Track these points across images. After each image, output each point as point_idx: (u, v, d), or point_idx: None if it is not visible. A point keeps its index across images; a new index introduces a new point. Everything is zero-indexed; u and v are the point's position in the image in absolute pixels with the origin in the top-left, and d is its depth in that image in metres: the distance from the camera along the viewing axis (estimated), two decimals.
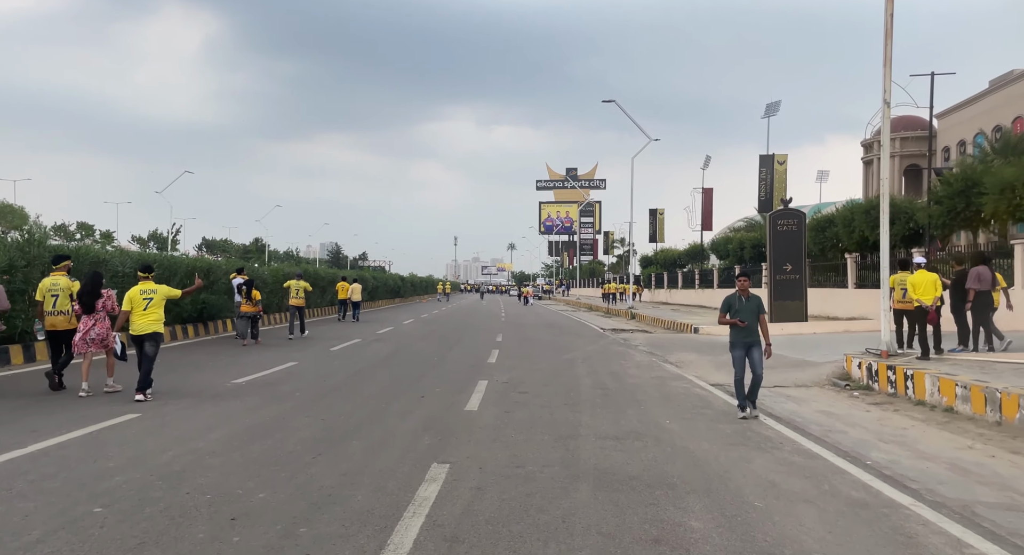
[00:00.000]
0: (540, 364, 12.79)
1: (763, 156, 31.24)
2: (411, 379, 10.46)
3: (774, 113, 62.21)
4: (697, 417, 7.85)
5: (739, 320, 7.76)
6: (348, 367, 11.80)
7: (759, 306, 7.93)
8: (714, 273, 39.45)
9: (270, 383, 9.73)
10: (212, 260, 20.21)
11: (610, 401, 8.82)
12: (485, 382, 10.17)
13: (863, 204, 23.05)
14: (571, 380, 10.73)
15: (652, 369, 12.41)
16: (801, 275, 19.41)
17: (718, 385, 10.55)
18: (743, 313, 7.82)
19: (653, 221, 54.51)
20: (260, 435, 6.39)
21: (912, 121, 66.08)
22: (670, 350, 15.89)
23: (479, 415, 7.66)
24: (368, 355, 13.88)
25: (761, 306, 7.97)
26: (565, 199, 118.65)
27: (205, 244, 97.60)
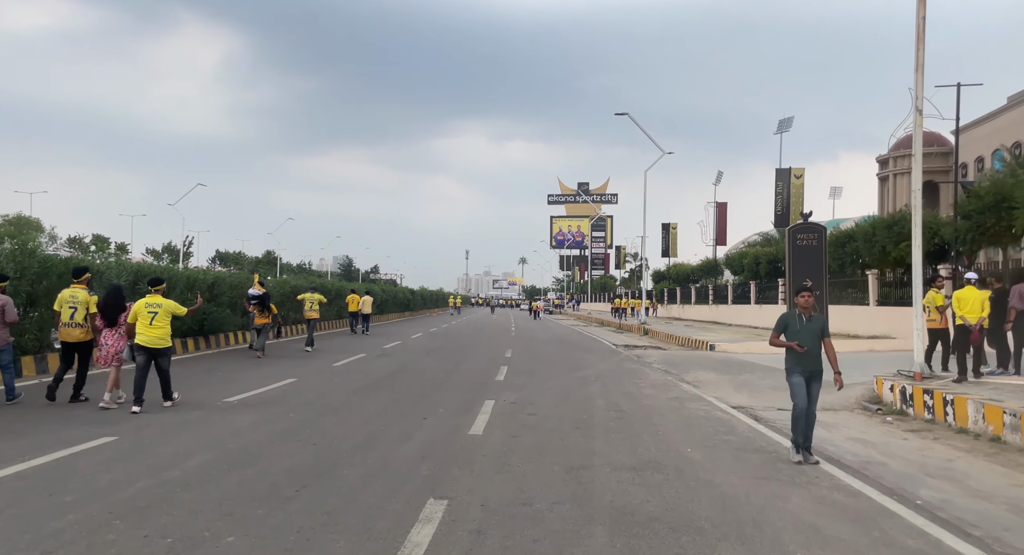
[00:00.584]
0: (550, 382, 12.18)
1: (779, 170, 30.59)
2: (414, 398, 9.89)
3: (787, 129, 61.51)
4: (720, 445, 7.21)
5: (797, 345, 6.45)
6: (349, 385, 11.25)
7: (823, 328, 6.67)
8: (728, 289, 38.66)
9: (264, 402, 9.19)
10: (215, 273, 19.81)
11: (625, 425, 8.20)
12: (492, 402, 9.58)
13: (885, 219, 22.32)
14: (583, 401, 10.12)
15: (668, 389, 11.76)
16: (822, 291, 18.64)
17: (740, 408, 9.90)
18: (803, 335, 6.51)
19: (666, 235, 53.82)
20: (243, 463, 5.84)
21: (929, 137, 65.10)
22: (686, 368, 15.23)
23: (484, 440, 7.07)
24: (372, 371, 13.33)
25: (826, 328, 6.74)
26: (577, 213, 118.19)
27: (218, 257, 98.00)
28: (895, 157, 66.22)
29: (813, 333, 6.56)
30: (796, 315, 6.67)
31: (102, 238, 78.14)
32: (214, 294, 17.12)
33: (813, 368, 6.56)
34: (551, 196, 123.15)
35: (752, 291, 34.12)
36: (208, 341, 17.38)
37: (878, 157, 69.66)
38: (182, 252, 72.38)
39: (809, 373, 6.57)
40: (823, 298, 18.90)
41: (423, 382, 11.82)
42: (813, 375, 6.60)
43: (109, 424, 7.26)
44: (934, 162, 63.58)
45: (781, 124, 61.23)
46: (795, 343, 6.49)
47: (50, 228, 67.60)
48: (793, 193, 29.93)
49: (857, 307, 22.85)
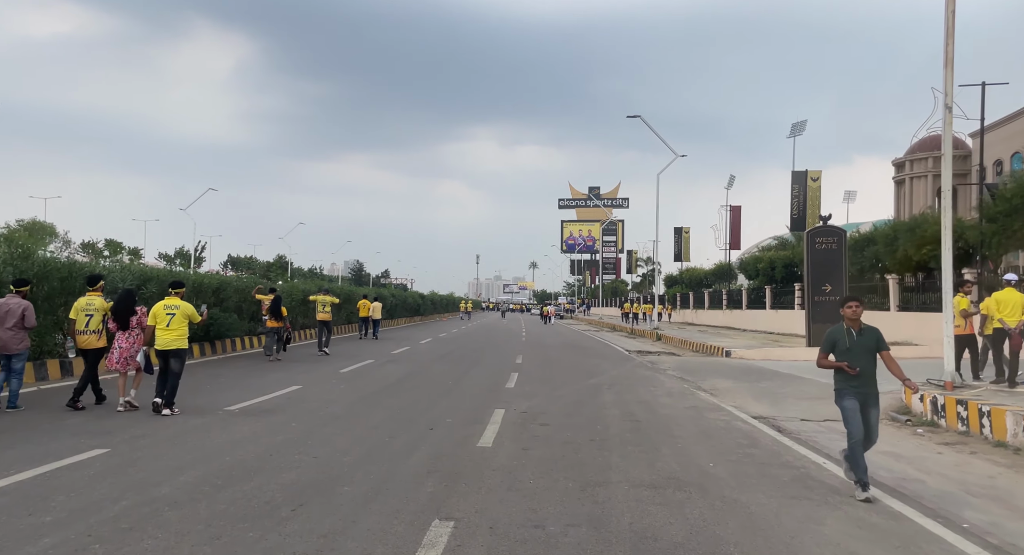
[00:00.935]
0: (562, 390, 11.80)
1: (795, 172, 30.06)
2: (421, 407, 9.55)
3: (800, 132, 60.81)
4: (744, 459, 6.80)
5: (848, 366, 5.51)
6: (355, 392, 10.92)
7: (878, 341, 5.68)
8: (743, 293, 38.10)
9: (266, 410, 8.88)
10: (220, 277, 19.61)
11: (642, 436, 7.81)
12: (502, 411, 9.22)
13: (907, 222, 21.80)
14: (597, 410, 9.73)
15: (685, 397, 11.35)
16: (841, 296, 18.15)
17: (761, 418, 9.47)
18: (855, 354, 5.54)
19: (678, 240, 53.29)
20: (238, 477, 5.51)
21: None
22: (702, 375, 14.79)
23: (493, 453, 6.71)
24: (379, 378, 13.00)
25: (881, 341, 5.72)
26: (587, 218, 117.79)
27: (230, 261, 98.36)
28: (911, 160, 65.38)
29: (867, 349, 5.59)
30: (844, 330, 5.68)
31: (115, 243, 78.63)
32: (220, 299, 16.89)
33: (868, 391, 5.57)
34: (562, 200, 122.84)
35: (767, 296, 33.57)
36: (214, 346, 17.14)
37: (894, 160, 68.77)
38: (193, 257, 72.64)
39: (864, 396, 5.55)
40: None
41: (431, 389, 11.47)
42: (868, 399, 5.57)
43: (102, 435, 6.96)
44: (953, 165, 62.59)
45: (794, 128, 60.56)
46: (845, 364, 5.52)
47: (64, 232, 68.04)
48: (810, 196, 29.37)
49: (878, 313, 22.28)
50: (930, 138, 64.76)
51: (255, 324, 19.15)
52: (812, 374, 14.43)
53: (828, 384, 13.08)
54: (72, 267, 11.36)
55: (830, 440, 8.02)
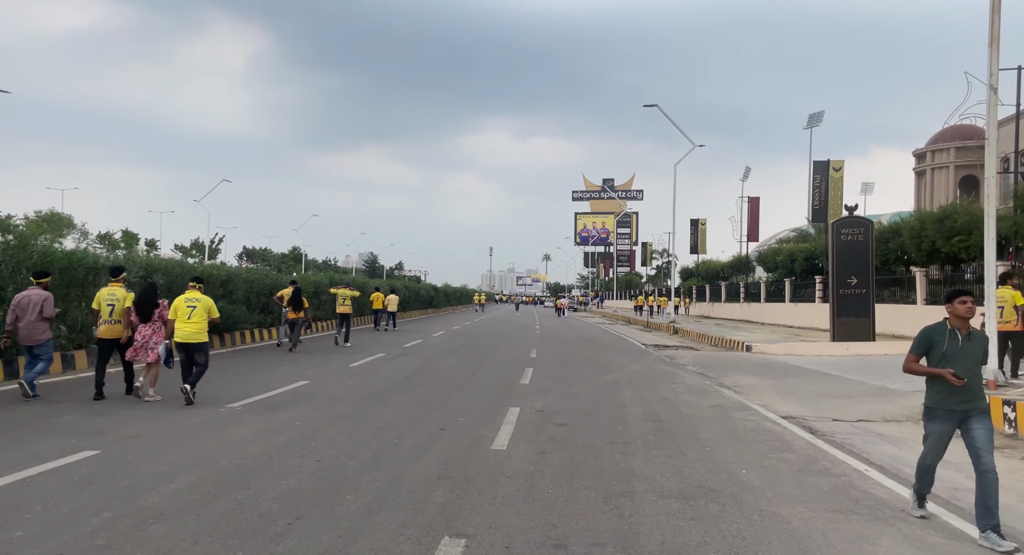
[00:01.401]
0: (579, 387, 11.33)
1: (817, 162, 29.21)
2: (432, 404, 9.13)
3: (817, 123, 59.47)
4: (779, 466, 6.31)
5: (952, 374, 4.43)
6: (364, 388, 10.53)
7: (986, 351, 4.79)
8: (761, 286, 37.36)
9: (270, 408, 8.49)
10: (228, 268, 19.32)
11: (666, 438, 7.33)
12: (517, 410, 8.77)
13: (935, 212, 21.02)
14: (616, 408, 9.26)
15: (708, 395, 10.84)
16: (868, 289, 17.54)
17: (791, 418, 8.96)
18: (960, 360, 4.50)
19: (694, 231, 52.51)
20: (234, 484, 5.11)
21: (967, 130, 62.84)
22: (723, 371, 14.26)
23: (508, 457, 6.26)
24: (389, 373, 12.61)
25: (987, 352, 4.96)
26: (601, 210, 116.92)
27: (245, 253, 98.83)
28: (933, 150, 63.96)
29: (975, 358, 4.59)
30: (948, 331, 4.62)
31: (131, 234, 79.15)
32: (228, 290, 16.59)
33: (973, 404, 4.52)
34: (575, 192, 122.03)
35: (787, 289, 32.83)
36: (223, 339, 16.84)
37: (915, 151, 67.29)
38: (207, 248, 72.85)
39: (965, 411, 4.51)
40: (870, 297, 17.77)
41: (443, 385, 11.05)
42: (973, 414, 4.51)
43: (94, 435, 6.60)
44: (972, 156, 61.17)
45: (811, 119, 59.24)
46: (950, 372, 4.44)
47: (81, 224, 68.44)
48: (832, 186, 28.55)
49: (903, 306, 21.60)
50: (951, 128, 63.31)
51: (265, 316, 18.88)
52: (840, 371, 13.86)
53: (858, 381, 12.59)
54: (72, 257, 11.04)
55: (867, 443, 7.51)
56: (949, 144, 62.08)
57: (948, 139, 62.46)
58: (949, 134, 62.81)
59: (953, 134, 62.29)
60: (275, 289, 19.35)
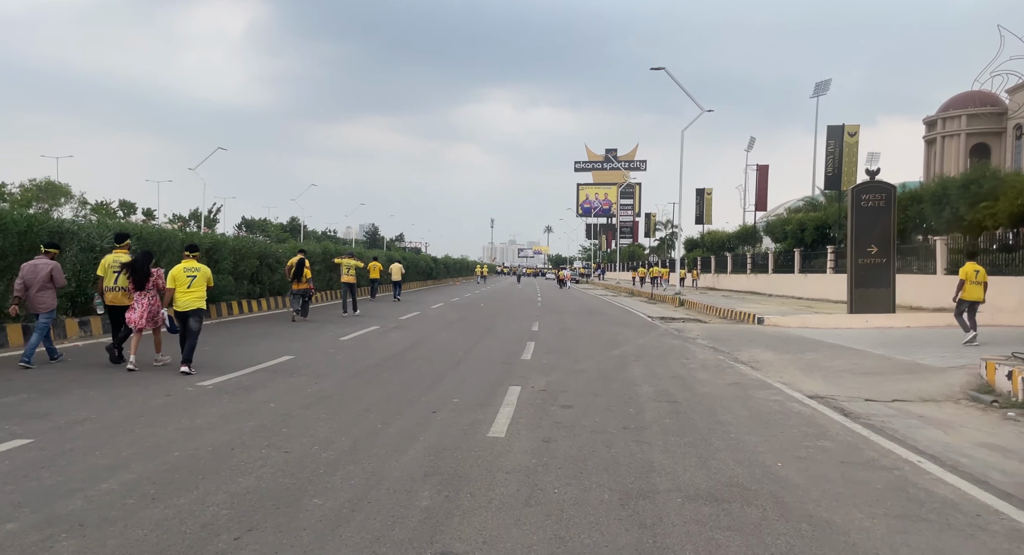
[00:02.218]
0: (585, 363, 10.53)
1: (831, 127, 28.00)
2: (425, 383, 8.32)
3: (824, 92, 57.70)
4: (817, 456, 5.49)
5: None
6: (352, 364, 9.72)
7: None
8: (769, 257, 36.43)
9: (245, 387, 7.69)
10: (213, 236, 18.45)
11: (684, 422, 6.52)
12: (517, 389, 7.97)
13: (959, 178, 19.98)
14: (626, 386, 8.46)
15: (724, 371, 10.03)
16: (889, 259, 16.62)
17: (818, 397, 8.15)
18: None
19: (700, 201, 51.33)
20: (181, 483, 4.30)
21: (980, 96, 61.02)
22: (736, 345, 13.45)
23: (507, 446, 5.46)
24: (381, 348, 11.80)
25: None
26: (604, 181, 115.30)
27: (244, 223, 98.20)
28: (944, 118, 62.36)
29: None
30: None
31: (129, 203, 78.43)
32: (213, 259, 15.70)
33: None
34: (578, 163, 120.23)
35: (796, 259, 31.91)
36: (208, 311, 16.02)
37: (925, 119, 65.61)
38: (204, 218, 71.95)
39: None
40: (891, 266, 16.87)
41: (438, 361, 10.25)
42: None
43: (35, 419, 5.79)
44: (984, 123, 59.61)
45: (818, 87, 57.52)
46: None
47: (80, 193, 67.36)
48: (846, 152, 27.37)
49: (922, 276, 20.69)
50: (963, 95, 61.64)
51: (253, 286, 18.08)
52: (862, 344, 13.04)
53: (883, 356, 11.74)
54: (32, 220, 10.16)
55: (910, 428, 6.69)
56: (960, 111, 60.48)
57: (959, 106, 60.83)
58: (960, 101, 61.15)
59: (964, 101, 60.64)
60: (264, 258, 18.56)
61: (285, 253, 20.56)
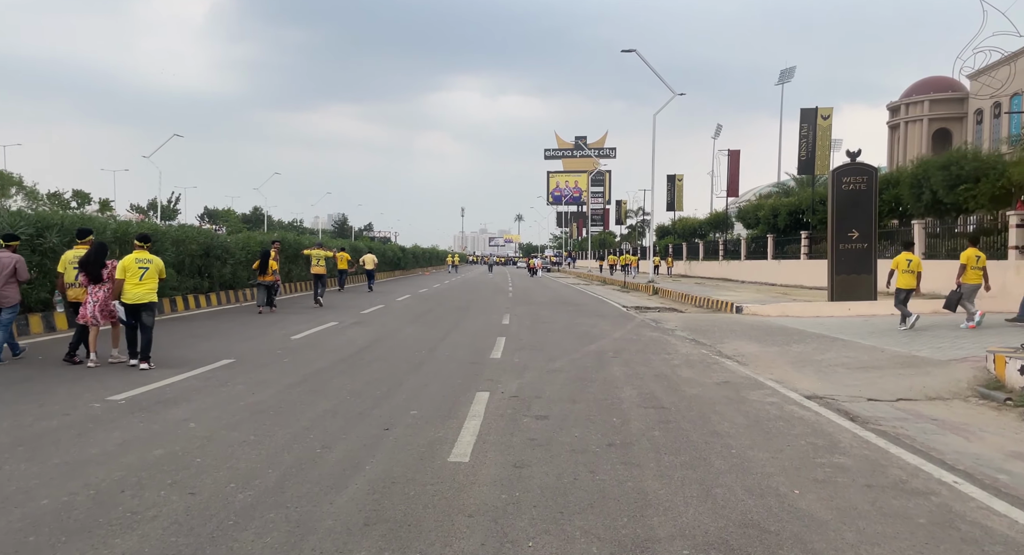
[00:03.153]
0: (560, 361, 9.63)
1: (804, 109, 27.49)
2: (381, 390, 7.32)
3: (788, 79, 57.65)
4: (837, 477, 4.66)
5: None
6: (301, 368, 8.66)
7: None
8: (741, 243, 36.04)
9: (166, 400, 6.59)
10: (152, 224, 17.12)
11: (676, 435, 5.66)
12: (486, 396, 7.04)
13: (939, 159, 19.51)
14: (606, 389, 7.58)
15: (710, 368, 9.23)
16: (871, 244, 16.05)
17: (816, 398, 7.38)
18: None
19: (671, 188, 50.82)
20: (31, 550, 3.26)
21: (941, 82, 61.84)
22: (718, 337, 12.71)
23: (472, 475, 4.51)
24: (336, 347, 10.74)
25: None
26: (574, 168, 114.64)
27: (207, 213, 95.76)
28: (907, 103, 62.99)
29: None
30: None
31: (83, 193, 75.57)
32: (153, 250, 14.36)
33: None
34: (548, 150, 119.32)
35: (769, 245, 31.50)
36: None
37: (889, 104, 66.19)
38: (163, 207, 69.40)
39: None
40: (872, 251, 16.31)
41: (398, 362, 9.24)
42: None
43: None
44: (946, 108, 60.37)
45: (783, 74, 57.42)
46: None
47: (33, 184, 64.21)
48: (820, 136, 26.90)
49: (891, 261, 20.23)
50: (924, 81, 62.30)
51: (201, 280, 16.81)
52: (849, 334, 12.39)
53: (875, 347, 11.06)
54: None
55: (926, 434, 5.93)
56: (923, 97, 61.14)
57: (922, 92, 61.50)
58: (923, 86, 61.82)
59: (927, 86, 61.31)
60: (212, 249, 17.29)
61: (237, 244, 19.27)
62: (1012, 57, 50.43)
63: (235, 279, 18.90)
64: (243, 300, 19.80)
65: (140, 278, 8.21)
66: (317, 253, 19.17)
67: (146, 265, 8.31)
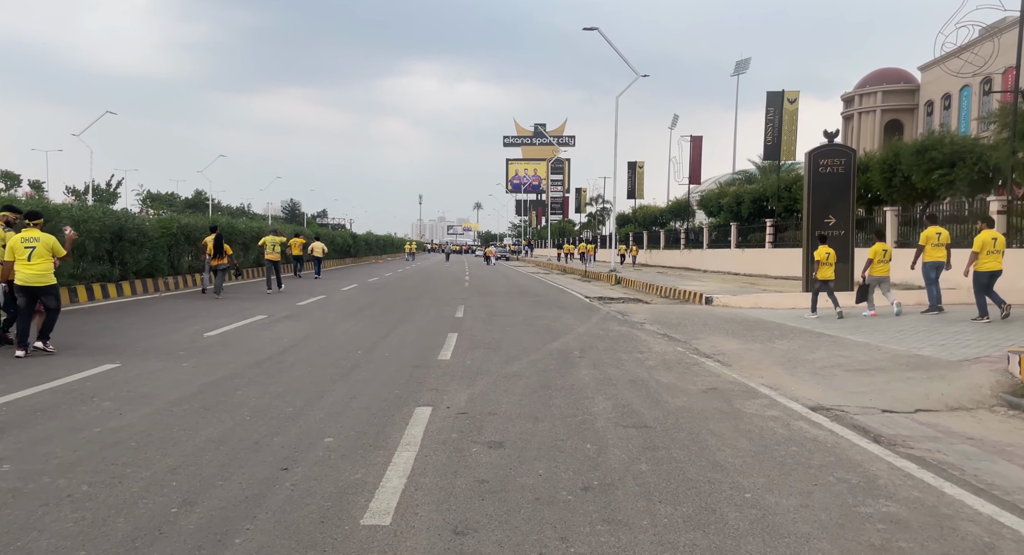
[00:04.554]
0: (519, 362, 8.26)
1: (771, 93, 26.65)
2: (294, 406, 5.82)
3: (744, 70, 57.46)
4: (897, 536, 3.40)
5: None
6: (199, 376, 7.06)
7: None
8: (704, 231, 35.30)
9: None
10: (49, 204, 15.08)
11: (671, 471, 4.34)
12: (427, 412, 5.62)
13: (913, 143, 18.76)
14: (575, 400, 6.24)
15: (691, 371, 7.99)
16: (848, 231, 15.14)
17: (822, 409, 6.20)
18: None
19: (632, 175, 49.92)
20: None
21: (894, 74, 62.62)
22: (691, 331, 11.54)
23: (391, 549, 3.08)
24: (256, 347, 9.13)
25: None
26: (533, 156, 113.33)
27: (149, 197, 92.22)
28: (860, 95, 63.67)
29: None
30: None
31: (11, 175, 71.35)
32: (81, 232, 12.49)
33: None
34: (507, 138, 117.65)
35: (732, 233, 30.76)
36: (75, 292, 12.76)
37: (843, 95, 66.89)
38: (97, 189, 65.56)
39: None
40: (850, 239, 15.40)
41: (324, 367, 7.72)
42: None
43: None
44: (898, 99, 61.18)
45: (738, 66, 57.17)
46: None
47: None
48: (786, 120, 26.11)
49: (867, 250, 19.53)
50: (877, 73, 63.02)
51: (111, 267, 14.89)
52: (835, 330, 11.34)
53: (867, 343, 9.97)
54: None
55: (968, 459, 4.78)
56: (876, 88, 61.84)
57: (875, 83, 62.23)
58: (876, 78, 62.60)
59: (880, 77, 62.04)
60: (125, 232, 15.37)
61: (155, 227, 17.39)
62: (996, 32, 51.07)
63: (153, 266, 16.99)
64: (164, 289, 17.83)
65: (28, 258, 7.61)
66: (271, 239, 19.11)
67: (32, 243, 7.67)
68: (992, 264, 10.60)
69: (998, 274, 10.64)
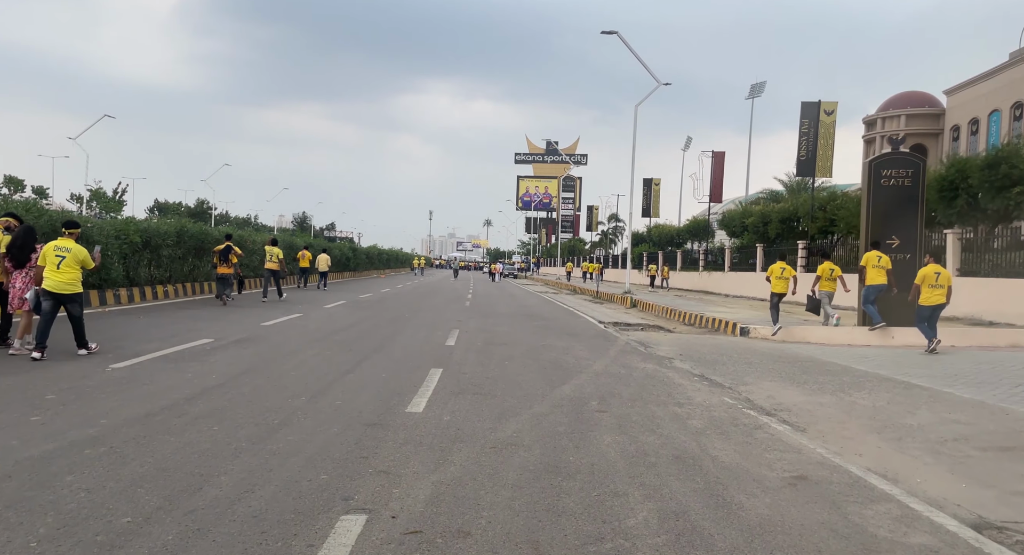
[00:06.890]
0: (515, 421, 5.96)
1: (806, 103, 24.47)
2: (142, 509, 3.55)
3: (759, 94, 55.57)
4: None
5: None
6: (47, 439, 4.81)
7: None
8: (725, 253, 32.93)
9: None
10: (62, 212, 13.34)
11: None
12: (354, 530, 3.33)
13: (982, 158, 16.42)
14: (597, 503, 3.95)
15: (755, 440, 5.67)
16: (915, 254, 12.80)
17: (990, 528, 3.87)
18: None
19: (648, 192, 47.72)
20: None
21: (918, 97, 60.32)
22: (734, 373, 9.24)
23: None
24: (165, 388, 6.86)
25: None
26: (545, 173, 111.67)
27: (157, 206, 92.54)
28: (883, 118, 61.46)
29: None
30: None
31: (16, 180, 71.12)
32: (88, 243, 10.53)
33: None
34: (518, 154, 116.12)
35: (759, 256, 28.37)
36: None
37: (865, 118, 64.73)
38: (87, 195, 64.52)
39: None
40: (915, 264, 13.04)
41: (238, 425, 5.43)
42: None
43: None
44: (922, 123, 58.92)
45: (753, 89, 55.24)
46: None
47: None
48: (822, 133, 23.87)
49: None
50: (900, 96, 60.86)
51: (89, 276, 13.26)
52: (921, 378, 8.97)
53: (983, 403, 6.28)
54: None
55: None
56: (900, 111, 59.66)
57: (898, 106, 60.08)
58: (899, 101, 60.45)
59: (903, 101, 59.86)
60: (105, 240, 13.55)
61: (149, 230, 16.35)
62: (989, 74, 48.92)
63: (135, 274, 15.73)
64: (127, 302, 15.70)
65: (57, 267, 7.92)
66: (271, 250, 19.63)
67: (63, 253, 7.98)
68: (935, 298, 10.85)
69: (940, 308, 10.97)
